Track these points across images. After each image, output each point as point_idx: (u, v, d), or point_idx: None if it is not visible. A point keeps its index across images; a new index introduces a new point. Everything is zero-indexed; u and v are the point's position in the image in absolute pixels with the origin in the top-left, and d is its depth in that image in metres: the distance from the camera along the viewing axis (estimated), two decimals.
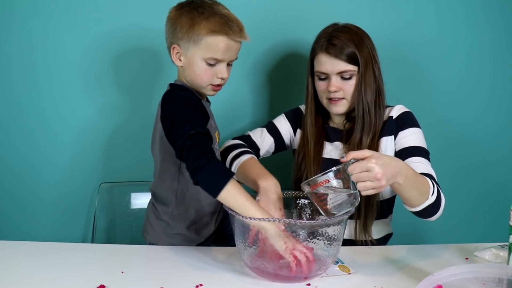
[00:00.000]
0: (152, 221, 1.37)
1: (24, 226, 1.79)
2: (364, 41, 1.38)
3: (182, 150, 1.13)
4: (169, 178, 1.32)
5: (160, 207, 1.36)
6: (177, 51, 1.26)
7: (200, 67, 1.25)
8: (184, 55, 1.26)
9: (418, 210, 1.22)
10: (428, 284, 0.85)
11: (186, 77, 1.30)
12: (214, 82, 1.27)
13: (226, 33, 1.22)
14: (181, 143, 1.13)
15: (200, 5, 1.24)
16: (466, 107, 1.88)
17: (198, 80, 1.27)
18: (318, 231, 1.10)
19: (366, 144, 1.38)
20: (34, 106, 1.74)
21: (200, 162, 1.10)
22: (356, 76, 1.37)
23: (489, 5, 1.83)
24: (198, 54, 1.24)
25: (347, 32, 1.37)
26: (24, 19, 1.69)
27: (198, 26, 1.21)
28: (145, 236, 1.39)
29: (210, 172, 1.10)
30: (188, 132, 1.14)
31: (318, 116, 1.49)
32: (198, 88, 1.30)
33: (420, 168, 1.29)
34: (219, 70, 1.26)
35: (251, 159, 1.37)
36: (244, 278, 1.11)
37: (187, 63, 1.26)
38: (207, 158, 1.11)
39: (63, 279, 1.08)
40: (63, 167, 1.78)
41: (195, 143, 1.12)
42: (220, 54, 1.23)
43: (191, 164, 1.11)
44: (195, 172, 1.10)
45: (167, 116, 1.23)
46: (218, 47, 1.23)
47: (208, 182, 1.10)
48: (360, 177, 1.06)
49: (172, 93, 1.28)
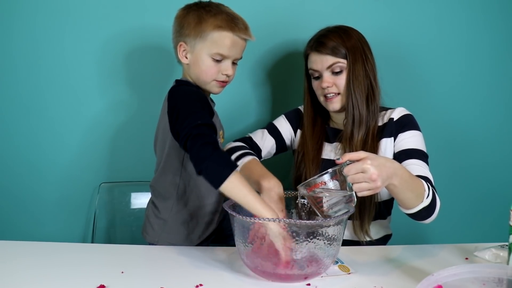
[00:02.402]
0: (151, 220, 1.38)
1: (24, 226, 1.79)
2: (352, 36, 1.40)
3: (187, 140, 1.13)
4: (171, 172, 1.33)
5: (159, 203, 1.36)
6: (184, 48, 1.29)
7: (206, 62, 1.27)
8: (191, 52, 1.28)
9: (412, 212, 1.22)
10: (428, 284, 0.85)
11: (191, 74, 1.31)
12: (219, 78, 1.29)
13: (232, 29, 1.25)
14: (187, 132, 1.13)
15: (207, 5, 1.29)
16: (467, 107, 1.88)
17: (203, 76, 1.29)
18: (318, 231, 1.10)
19: (357, 140, 1.39)
20: (34, 106, 1.74)
21: (205, 152, 1.10)
22: (346, 70, 1.39)
23: (489, 5, 1.83)
24: (204, 50, 1.26)
25: (335, 31, 1.41)
26: (25, 19, 1.69)
27: (205, 23, 1.24)
28: (145, 236, 1.39)
29: (214, 163, 1.09)
30: (194, 122, 1.14)
31: (317, 117, 1.51)
32: (203, 85, 1.31)
33: (417, 170, 1.30)
34: (224, 67, 1.28)
35: (253, 160, 1.37)
36: (244, 278, 1.11)
37: (193, 60, 1.28)
38: (211, 149, 1.10)
39: (63, 279, 1.08)
40: (63, 167, 1.78)
41: (200, 133, 1.13)
42: (226, 50, 1.26)
43: (196, 154, 1.11)
44: (199, 161, 1.10)
45: (173, 109, 1.23)
46: (223, 43, 1.25)
47: (211, 172, 1.10)
48: (355, 178, 1.06)
49: (178, 88, 1.30)
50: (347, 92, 1.39)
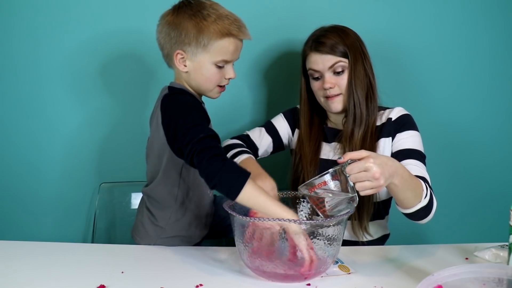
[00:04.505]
0: (147, 226, 1.35)
1: (24, 226, 1.79)
2: (351, 36, 1.41)
3: (193, 155, 1.11)
4: (169, 184, 1.30)
5: (157, 211, 1.33)
6: (182, 56, 1.23)
7: (210, 70, 1.24)
8: (191, 60, 1.23)
9: (410, 212, 1.22)
10: (428, 284, 0.85)
11: (191, 82, 1.27)
12: (221, 83, 1.28)
13: (235, 35, 1.22)
14: (191, 148, 1.11)
15: (201, 7, 1.22)
16: (466, 107, 1.88)
17: (207, 84, 1.26)
18: (318, 231, 1.10)
19: (358, 138, 1.39)
20: (34, 106, 1.74)
21: (215, 166, 1.08)
22: (347, 69, 1.39)
23: (489, 5, 1.82)
24: (208, 59, 1.22)
25: (333, 30, 1.41)
26: (25, 19, 1.69)
27: (207, 31, 1.20)
28: (137, 239, 1.37)
29: (227, 174, 1.07)
30: (196, 136, 1.11)
31: (314, 117, 1.51)
32: (204, 92, 1.29)
33: (415, 170, 1.30)
34: (227, 71, 1.26)
35: (248, 159, 1.37)
36: (244, 278, 1.11)
37: (194, 68, 1.24)
38: (220, 161, 1.08)
39: (63, 279, 1.08)
40: (63, 167, 1.78)
41: (205, 147, 1.10)
42: (230, 55, 1.24)
43: (205, 168, 1.09)
44: (211, 176, 1.08)
45: (169, 122, 1.20)
46: (228, 50, 1.23)
47: (226, 185, 1.08)
48: (358, 177, 1.06)
49: (172, 97, 1.25)
50: (348, 92, 1.39)
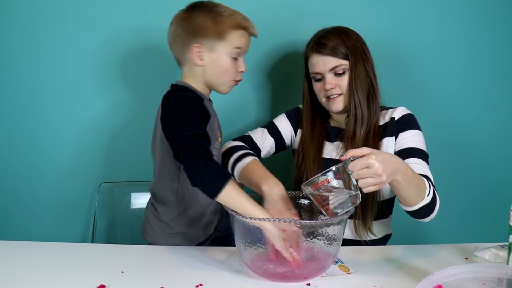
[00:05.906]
0: (151, 221, 1.37)
1: (24, 226, 1.79)
2: (352, 37, 1.41)
3: (180, 152, 1.14)
4: (169, 178, 1.32)
5: (160, 207, 1.36)
6: (199, 50, 1.27)
7: (226, 62, 1.28)
8: (208, 53, 1.27)
9: (413, 209, 1.22)
10: (428, 284, 0.85)
11: (206, 76, 1.30)
12: (237, 78, 1.32)
13: (249, 28, 1.30)
14: (179, 145, 1.14)
15: (214, 5, 1.29)
16: (466, 107, 1.88)
17: (224, 76, 1.30)
18: (318, 231, 1.10)
19: (359, 138, 1.40)
20: (34, 106, 1.74)
21: (198, 165, 1.11)
22: (348, 70, 1.40)
23: (489, 5, 1.82)
24: (224, 50, 1.27)
25: (335, 32, 1.41)
26: (25, 19, 1.69)
27: (223, 23, 1.26)
28: (145, 236, 1.39)
29: (208, 174, 1.11)
30: (185, 134, 1.15)
31: (316, 116, 1.51)
32: (218, 85, 1.32)
33: (418, 169, 1.30)
34: (240, 64, 1.31)
35: (253, 161, 1.37)
36: (244, 278, 1.11)
37: (212, 61, 1.28)
38: (204, 160, 1.11)
39: (63, 279, 1.08)
40: (63, 167, 1.78)
41: (192, 145, 1.13)
42: (244, 47, 1.30)
43: (189, 166, 1.12)
44: (193, 174, 1.11)
45: (166, 117, 1.24)
46: (242, 41, 1.28)
47: (206, 184, 1.11)
48: (361, 174, 1.06)
49: (172, 94, 1.29)
50: (349, 92, 1.40)
